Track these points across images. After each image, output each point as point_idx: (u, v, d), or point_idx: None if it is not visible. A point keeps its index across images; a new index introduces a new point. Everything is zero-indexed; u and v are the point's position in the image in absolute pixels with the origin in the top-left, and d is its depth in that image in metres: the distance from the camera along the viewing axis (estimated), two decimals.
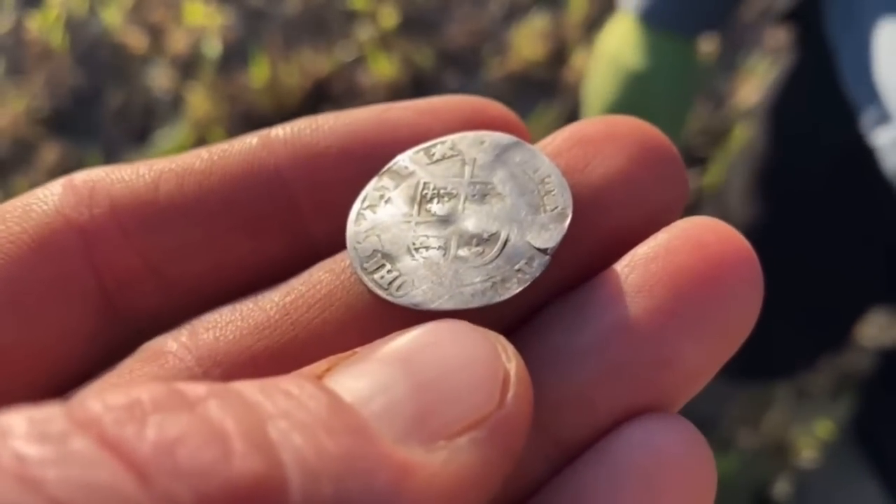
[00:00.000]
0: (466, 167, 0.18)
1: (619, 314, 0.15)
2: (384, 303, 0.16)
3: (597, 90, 0.65)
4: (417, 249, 0.17)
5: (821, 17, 0.58)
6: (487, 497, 0.13)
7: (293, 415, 0.12)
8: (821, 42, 0.58)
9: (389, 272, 0.17)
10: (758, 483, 0.92)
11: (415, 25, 1.23)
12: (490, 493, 0.13)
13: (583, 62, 1.16)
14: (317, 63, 1.19)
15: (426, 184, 0.18)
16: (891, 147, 0.52)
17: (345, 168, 0.18)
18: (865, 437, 0.83)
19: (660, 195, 0.17)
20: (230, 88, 1.17)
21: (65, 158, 1.12)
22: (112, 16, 1.23)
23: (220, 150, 0.18)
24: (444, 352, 0.14)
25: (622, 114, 0.18)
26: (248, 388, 0.12)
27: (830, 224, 0.67)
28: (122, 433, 0.10)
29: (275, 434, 0.11)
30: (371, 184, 0.18)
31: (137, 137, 1.15)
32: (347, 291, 0.16)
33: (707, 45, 1.05)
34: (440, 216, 0.17)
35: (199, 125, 1.14)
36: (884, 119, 0.52)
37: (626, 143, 0.17)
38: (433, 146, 0.18)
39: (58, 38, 1.22)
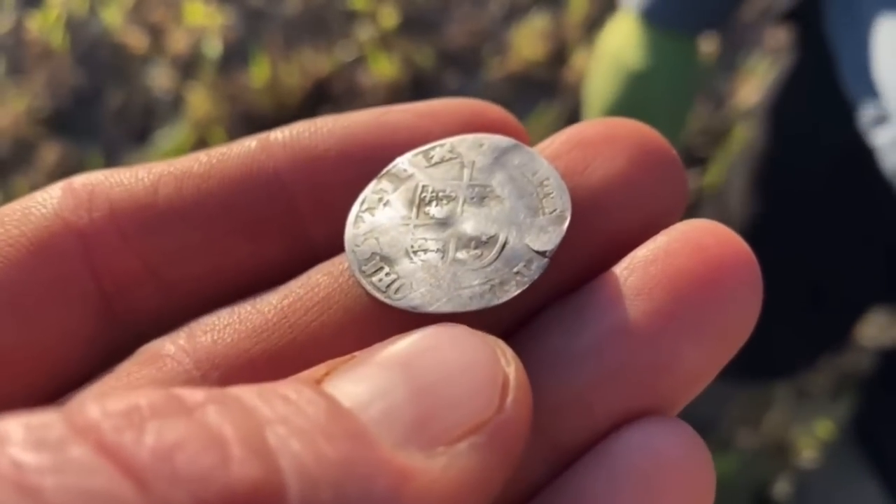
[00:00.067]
0: (465, 170, 0.18)
1: (618, 317, 0.15)
2: (382, 305, 0.16)
3: (598, 89, 0.65)
4: (416, 252, 0.17)
5: (821, 17, 0.58)
6: (487, 502, 0.13)
7: (291, 420, 0.11)
8: (821, 42, 0.58)
9: (388, 275, 0.16)
10: (758, 483, 0.92)
11: (415, 25, 1.23)
12: (490, 499, 0.13)
13: (583, 62, 1.16)
14: (317, 63, 1.18)
15: (425, 187, 0.18)
16: (890, 147, 0.51)
17: (344, 171, 0.18)
18: (865, 437, 0.83)
19: (659, 198, 0.17)
20: (230, 88, 1.17)
21: (65, 158, 1.12)
22: (112, 16, 1.23)
23: (219, 154, 0.18)
24: (444, 356, 0.14)
25: (623, 113, 0.17)
26: (247, 394, 0.12)
27: (830, 224, 0.67)
28: (121, 439, 0.10)
29: (273, 440, 0.11)
30: (370, 186, 0.18)
31: (138, 137, 1.15)
32: (346, 294, 0.16)
33: (707, 45, 1.05)
34: (439, 219, 0.17)
35: (200, 125, 1.14)
36: (883, 118, 0.52)
37: (626, 146, 0.17)
38: (432, 149, 0.18)
39: (58, 38, 1.22)
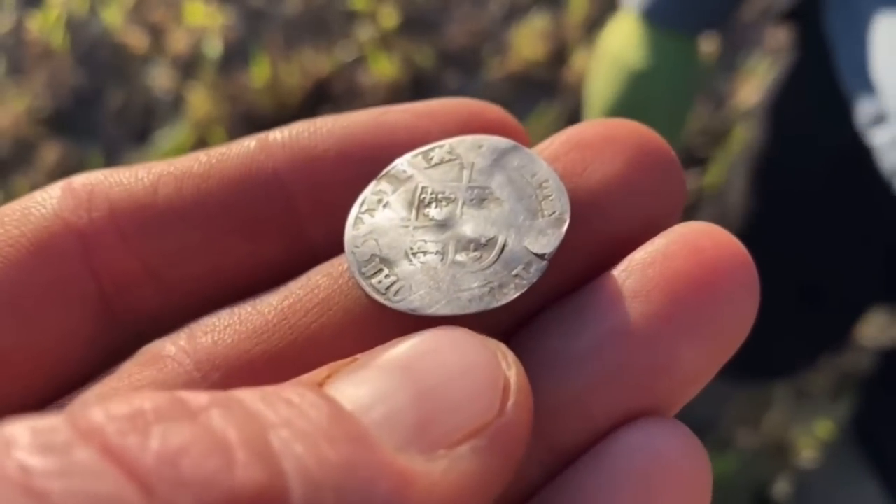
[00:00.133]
0: (464, 171, 0.18)
1: (617, 319, 0.15)
2: (382, 307, 0.16)
3: (599, 89, 0.65)
4: (415, 254, 0.17)
5: (820, 17, 0.58)
6: None
7: (294, 424, 0.12)
8: (820, 42, 0.58)
9: (387, 277, 0.17)
10: (758, 483, 0.92)
11: (415, 25, 1.23)
12: (490, 501, 0.13)
13: (583, 62, 1.16)
14: (317, 63, 1.19)
15: (424, 188, 0.18)
16: (888, 146, 0.52)
17: (343, 171, 0.18)
18: (865, 437, 0.83)
19: (658, 199, 0.17)
20: (231, 88, 1.17)
21: (65, 158, 1.13)
22: (113, 16, 1.23)
23: (219, 154, 0.18)
24: (445, 360, 0.14)
25: (624, 112, 0.18)
26: (250, 397, 0.12)
27: (829, 224, 0.67)
28: (125, 443, 0.10)
29: (276, 443, 0.11)
30: (369, 188, 0.18)
31: (138, 137, 1.15)
32: (345, 296, 0.16)
33: (707, 46, 1.05)
34: (438, 221, 0.17)
35: (200, 125, 1.14)
36: (881, 118, 0.52)
37: (624, 147, 0.17)
38: (431, 150, 0.18)
39: (58, 38, 1.22)
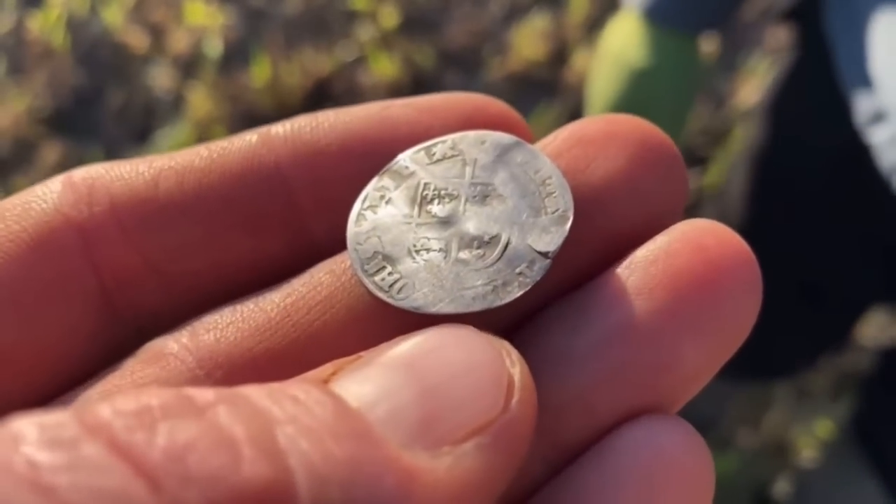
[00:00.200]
0: (467, 168, 0.18)
1: (620, 316, 0.15)
2: (385, 305, 0.16)
3: (600, 87, 0.65)
4: (418, 251, 0.17)
5: (820, 16, 0.58)
6: (491, 501, 0.13)
7: (300, 420, 0.12)
8: (820, 41, 0.58)
9: (390, 274, 0.16)
10: (758, 483, 0.92)
11: (415, 25, 1.23)
12: (494, 498, 0.13)
13: (583, 62, 1.16)
14: (318, 63, 1.19)
15: (427, 184, 0.18)
16: (887, 145, 0.52)
17: (345, 165, 0.18)
18: (865, 437, 0.83)
19: (661, 196, 0.17)
20: (231, 88, 1.17)
21: (66, 158, 1.12)
22: (113, 15, 1.23)
23: (220, 148, 0.18)
24: (449, 357, 0.14)
25: (626, 111, 0.17)
26: (256, 393, 0.12)
27: (828, 223, 0.67)
28: (133, 439, 0.11)
29: (283, 439, 0.11)
30: (371, 184, 0.18)
31: (138, 137, 1.15)
32: (348, 293, 0.16)
33: (708, 45, 1.05)
34: (441, 217, 0.17)
35: (200, 125, 1.14)
36: (880, 116, 0.52)
37: (627, 143, 0.17)
38: (433, 146, 0.18)
39: (59, 38, 1.22)
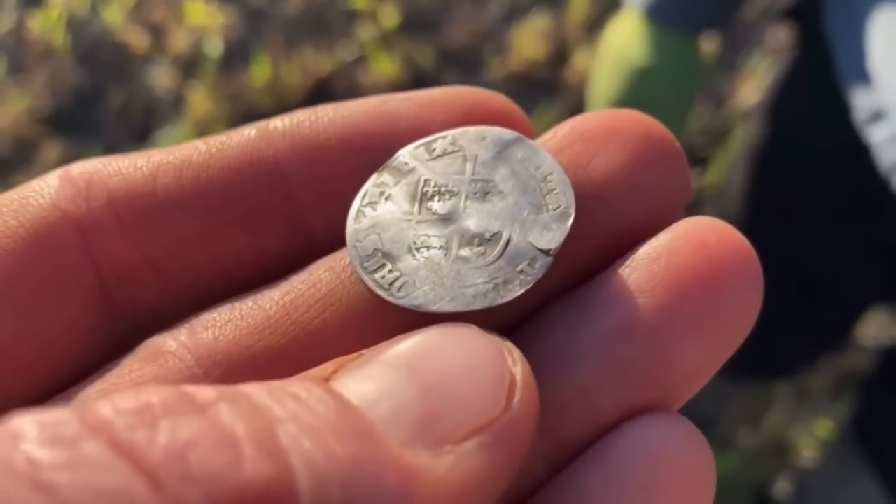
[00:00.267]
0: (468, 164, 0.17)
1: (622, 314, 0.15)
2: (385, 303, 0.16)
3: (602, 86, 0.65)
4: (418, 249, 0.17)
5: (820, 15, 0.58)
6: (492, 500, 0.13)
7: (302, 418, 0.12)
8: (820, 40, 0.58)
9: (390, 272, 0.16)
10: (758, 483, 0.92)
11: (416, 25, 1.23)
12: (495, 497, 0.13)
13: (584, 62, 1.16)
14: (318, 62, 1.18)
15: (427, 181, 0.17)
16: (886, 143, 0.52)
17: (344, 160, 0.18)
18: (865, 437, 0.83)
19: (663, 191, 0.17)
20: (231, 88, 1.17)
21: (66, 157, 1.12)
22: (113, 15, 1.23)
23: (219, 142, 0.18)
24: (451, 356, 0.14)
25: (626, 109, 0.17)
26: (257, 391, 0.12)
27: (828, 222, 0.67)
28: (134, 437, 0.10)
29: (284, 438, 0.11)
30: (371, 180, 0.18)
31: (139, 137, 1.15)
32: (348, 291, 0.16)
33: (708, 45, 1.05)
34: (441, 214, 0.17)
35: (201, 124, 1.14)
36: (879, 115, 0.52)
37: (629, 139, 0.17)
38: (434, 141, 0.18)
39: (59, 38, 1.22)
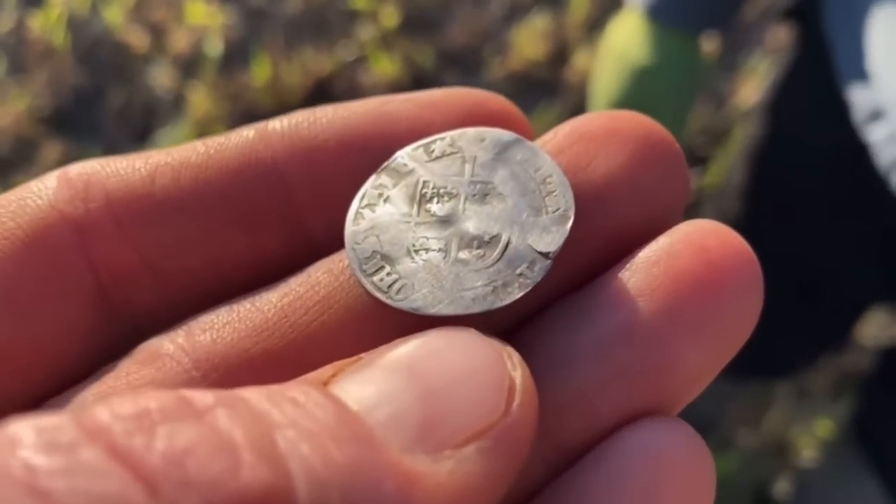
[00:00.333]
0: (467, 165, 0.17)
1: (622, 318, 0.15)
2: (384, 306, 0.16)
3: (603, 85, 0.65)
4: (417, 251, 0.17)
5: (819, 14, 0.58)
6: None
7: (300, 423, 0.11)
8: (819, 40, 0.58)
9: (389, 274, 0.16)
10: (758, 483, 0.92)
11: (416, 25, 1.23)
12: (495, 501, 0.13)
13: (584, 62, 1.15)
14: (318, 62, 1.18)
15: (426, 182, 0.17)
16: (885, 142, 0.52)
17: (343, 161, 0.17)
18: (865, 437, 0.83)
19: (662, 193, 0.17)
20: (231, 87, 1.17)
21: (66, 157, 1.12)
22: (114, 15, 1.23)
23: (217, 144, 0.18)
24: (450, 360, 0.14)
25: (628, 109, 0.17)
26: (255, 396, 0.12)
27: (827, 221, 0.67)
28: (132, 443, 0.10)
29: (283, 443, 0.11)
30: (369, 181, 0.17)
31: (139, 136, 1.15)
32: (346, 293, 0.16)
33: (708, 45, 1.05)
34: (440, 217, 0.17)
35: (201, 124, 1.14)
36: (878, 114, 0.52)
37: (629, 140, 0.17)
38: (433, 142, 0.18)
39: (59, 37, 1.21)
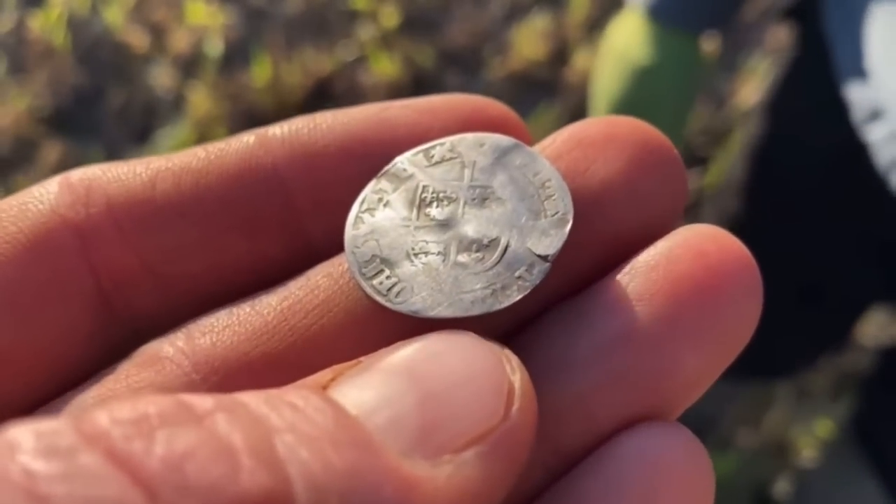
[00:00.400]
0: (466, 170, 0.18)
1: (620, 322, 0.15)
2: (383, 309, 0.16)
3: (604, 85, 0.65)
4: (417, 255, 0.17)
5: (818, 14, 0.59)
6: None
7: (299, 428, 0.11)
8: (819, 39, 0.58)
9: (388, 278, 0.16)
10: (758, 483, 0.92)
11: (416, 25, 1.23)
12: None
13: (584, 62, 1.15)
14: (318, 62, 1.18)
15: (425, 187, 0.17)
16: (884, 142, 0.52)
17: (343, 167, 0.18)
18: (865, 437, 0.83)
19: (660, 198, 0.17)
20: (232, 88, 1.17)
21: (66, 157, 1.12)
22: (114, 15, 1.23)
23: (218, 149, 0.18)
24: (450, 364, 0.14)
25: (629, 108, 0.17)
26: (254, 401, 0.12)
27: (826, 221, 0.67)
28: (131, 448, 0.10)
29: (282, 448, 0.11)
30: (369, 186, 0.18)
31: (139, 136, 1.15)
32: (346, 297, 0.16)
33: (708, 45, 1.05)
34: (440, 221, 0.17)
35: (201, 124, 1.14)
36: (877, 114, 0.52)
37: (627, 145, 0.17)
38: (432, 148, 0.18)
39: (60, 37, 1.21)
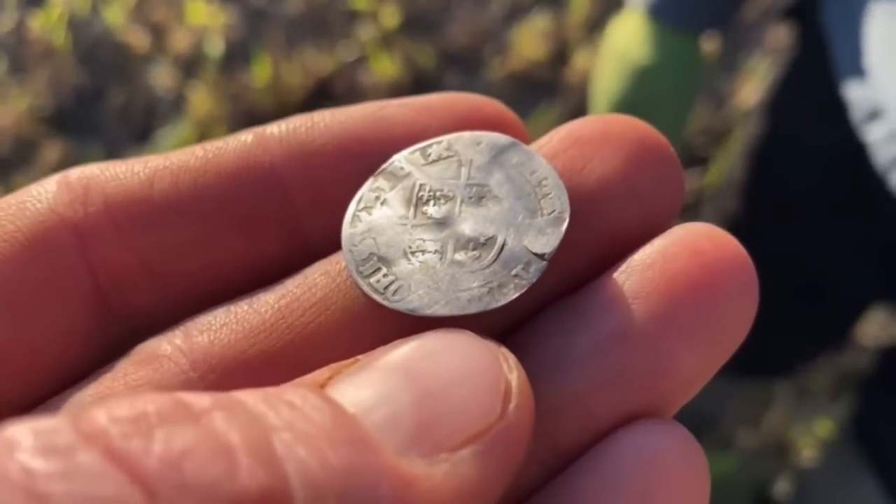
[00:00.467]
0: (463, 168, 0.18)
1: (617, 320, 0.15)
2: (380, 307, 0.16)
3: (604, 84, 0.65)
4: (414, 253, 0.17)
5: (818, 13, 0.59)
6: None
7: (297, 426, 0.12)
8: (818, 39, 0.58)
9: (385, 276, 0.16)
10: (758, 482, 0.92)
11: (416, 25, 1.23)
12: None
13: (584, 62, 1.16)
14: (319, 62, 1.19)
15: (422, 185, 0.18)
16: (883, 142, 0.52)
17: (340, 166, 0.18)
18: (865, 437, 0.83)
19: (657, 196, 0.17)
20: (232, 87, 1.17)
21: (67, 157, 1.13)
22: (114, 15, 1.23)
23: (216, 148, 0.18)
24: (447, 362, 0.14)
25: (629, 108, 0.17)
26: (252, 399, 0.12)
27: (826, 221, 0.67)
28: (129, 446, 0.10)
29: (279, 446, 0.11)
30: (367, 185, 0.18)
31: (139, 136, 1.15)
32: (343, 295, 0.16)
33: (708, 45, 1.05)
34: (436, 219, 0.17)
35: (201, 124, 1.14)
36: (876, 114, 0.52)
37: (623, 144, 0.17)
38: (429, 146, 0.18)
39: (60, 37, 1.22)
